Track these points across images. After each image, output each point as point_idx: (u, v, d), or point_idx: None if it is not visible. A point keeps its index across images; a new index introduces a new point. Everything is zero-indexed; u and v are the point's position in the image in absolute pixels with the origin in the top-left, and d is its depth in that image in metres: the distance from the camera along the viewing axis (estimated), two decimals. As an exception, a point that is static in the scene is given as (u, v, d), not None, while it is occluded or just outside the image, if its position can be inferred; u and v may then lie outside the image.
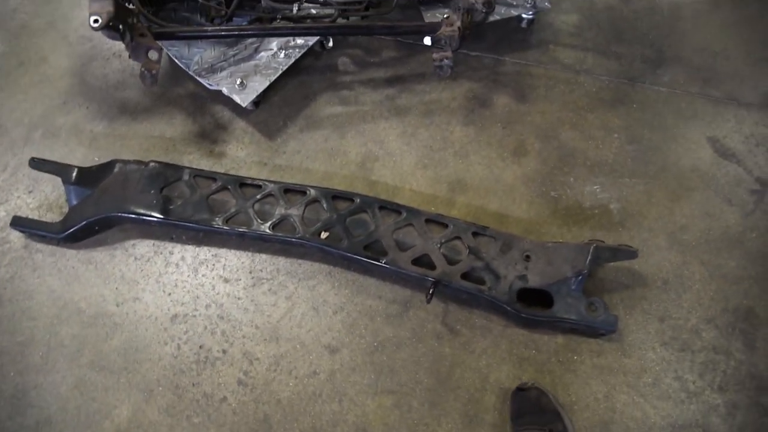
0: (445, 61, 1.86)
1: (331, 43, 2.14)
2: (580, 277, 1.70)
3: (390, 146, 2.03)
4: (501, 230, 1.79)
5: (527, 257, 1.75)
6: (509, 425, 1.64)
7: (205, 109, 2.13)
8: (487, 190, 1.95)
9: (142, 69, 1.82)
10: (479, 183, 1.96)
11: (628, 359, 1.72)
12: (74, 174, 1.91)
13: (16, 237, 1.96)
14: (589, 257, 1.70)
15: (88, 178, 1.91)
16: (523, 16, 2.11)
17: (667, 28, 2.21)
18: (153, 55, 1.83)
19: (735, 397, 1.66)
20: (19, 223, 1.91)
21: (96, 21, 1.73)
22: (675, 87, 2.08)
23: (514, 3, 2.07)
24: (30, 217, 1.96)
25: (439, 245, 1.76)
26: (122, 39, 1.83)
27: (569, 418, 1.62)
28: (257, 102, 2.06)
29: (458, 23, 1.87)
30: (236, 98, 1.96)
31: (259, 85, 1.97)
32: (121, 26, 1.79)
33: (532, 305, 1.73)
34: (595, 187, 1.94)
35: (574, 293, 1.71)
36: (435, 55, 1.87)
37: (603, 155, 1.99)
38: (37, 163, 1.92)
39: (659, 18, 2.23)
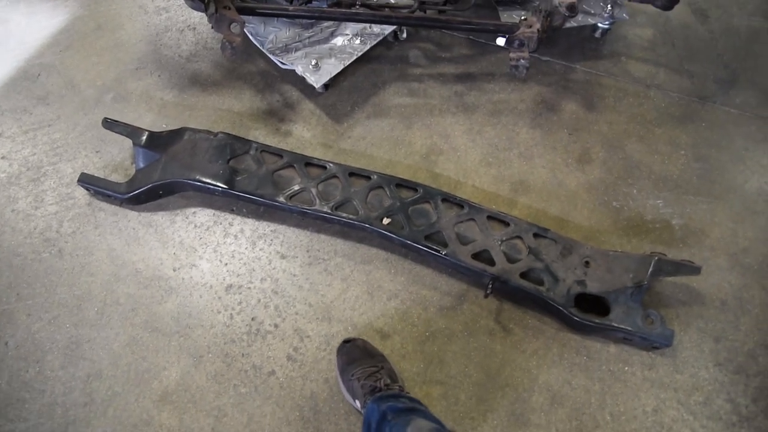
0: (522, 61, 1.87)
1: (404, 35, 2.16)
2: (640, 288, 1.69)
3: (455, 141, 2.04)
4: (562, 234, 1.79)
5: (587, 263, 1.75)
6: (339, 379, 1.66)
7: (274, 88, 2.16)
8: (549, 193, 1.95)
9: (224, 40, 1.85)
10: (542, 186, 1.96)
11: (680, 375, 1.71)
12: (144, 137, 1.94)
13: (81, 194, 1.99)
14: (651, 269, 1.69)
15: (157, 143, 1.94)
16: (599, 25, 2.11)
17: (743, 51, 2.20)
18: (235, 28, 1.86)
19: (788, 425, 1.63)
20: (86, 180, 1.95)
21: (186, -11, 1.76)
22: (746, 109, 2.07)
23: (592, 11, 2.07)
24: (96, 175, 2.00)
25: (499, 242, 1.76)
26: (206, 10, 1.87)
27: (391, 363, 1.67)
28: (327, 85, 2.08)
29: (537, 25, 1.87)
30: (309, 78, 1.98)
31: (333, 67, 1.99)
32: (207, -3, 1.83)
33: (588, 311, 1.72)
34: (659, 201, 1.93)
35: (632, 303, 1.70)
36: (512, 55, 1.88)
37: (668, 170, 1.98)
38: (110, 124, 1.96)
39: (736, 40, 2.22)
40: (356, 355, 1.66)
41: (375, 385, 1.54)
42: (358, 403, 1.59)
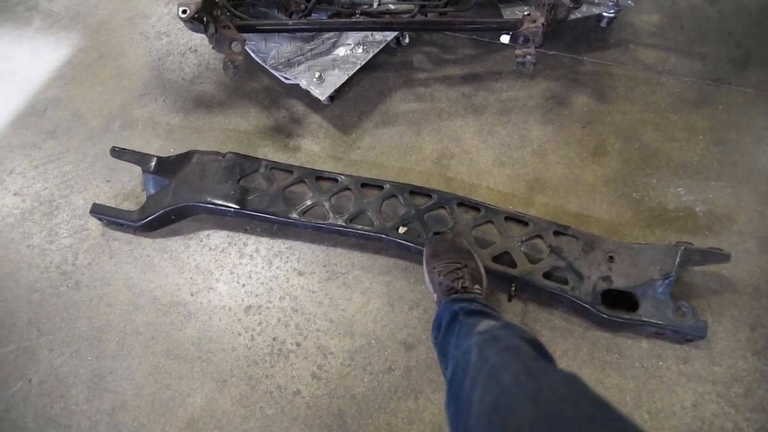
0: (528, 57, 1.83)
1: (407, 40, 2.13)
2: (668, 281, 1.63)
3: (466, 144, 2.01)
4: (583, 230, 1.74)
5: (611, 258, 1.70)
6: (424, 267, 1.64)
7: (279, 103, 2.14)
8: (566, 189, 1.91)
9: (226, 60, 1.83)
10: (558, 182, 1.92)
11: (717, 367, 1.65)
12: (153, 163, 1.93)
13: (94, 225, 1.99)
14: (678, 260, 1.63)
15: (166, 168, 1.93)
16: (604, 14, 2.07)
17: (755, 28, 2.14)
18: (236, 46, 1.84)
19: (834, 412, 1.57)
20: (98, 210, 1.94)
21: (184, 12, 1.75)
22: (763, 88, 2.01)
23: (597, 1, 2.03)
24: (108, 205, 1.99)
25: (519, 243, 1.72)
26: (205, 31, 1.85)
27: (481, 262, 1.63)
28: (332, 97, 2.06)
29: (542, 19, 1.84)
30: (314, 91, 1.96)
31: (337, 79, 1.97)
32: (205, 18, 1.82)
33: (615, 307, 1.68)
34: (680, 189, 1.88)
35: (661, 296, 1.65)
36: (518, 51, 1.84)
37: (687, 157, 1.92)
38: (118, 152, 1.95)
39: (746, 18, 2.17)
40: (441, 249, 1.63)
41: (452, 285, 1.51)
42: (435, 296, 1.58)
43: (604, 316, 1.65)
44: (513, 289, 1.65)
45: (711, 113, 1.99)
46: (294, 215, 1.81)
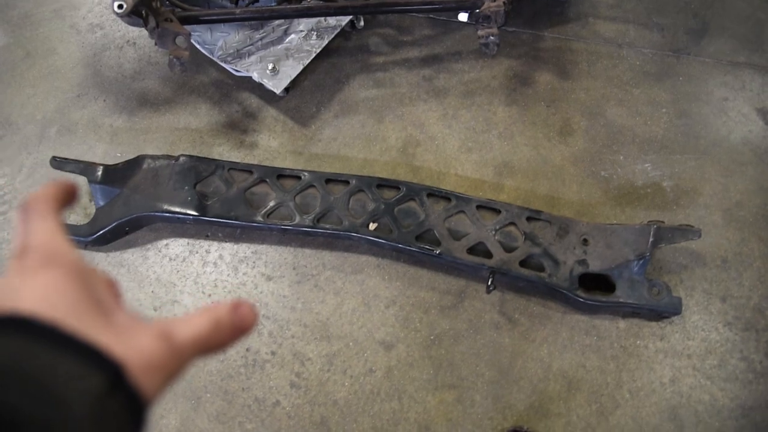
0: (491, 38, 1.77)
1: (362, 23, 2.03)
2: (643, 260, 1.64)
3: (431, 130, 1.94)
4: (555, 214, 1.72)
5: (585, 241, 1.69)
6: None
7: (231, 98, 2.01)
8: (535, 172, 1.88)
9: (171, 56, 1.70)
10: (527, 165, 1.89)
11: (691, 341, 1.68)
12: (100, 172, 1.79)
13: (39, 241, 1.84)
14: (651, 239, 1.64)
15: (114, 177, 1.79)
16: (563, -13, 2.02)
17: (711, -3, 2.14)
18: (181, 41, 1.71)
19: (803, 375, 1.62)
20: (43, 226, 1.79)
21: (120, 6, 1.60)
22: (721, 58, 2.01)
23: (555, -26, 1.97)
24: (53, 219, 1.84)
25: (493, 232, 1.69)
26: (145, 25, 1.71)
27: None
28: (287, 88, 1.95)
29: (502, -3, 1.77)
30: (268, 84, 1.85)
31: (292, 69, 1.86)
32: (144, 11, 1.67)
33: (592, 290, 1.67)
34: (647, 164, 1.88)
35: (636, 276, 1.65)
36: (480, 32, 1.77)
37: (652, 131, 1.92)
38: (59, 163, 1.80)
39: (701, -14, 2.16)
40: None
41: None
42: None
43: (582, 300, 1.64)
44: (491, 281, 1.62)
45: (672, 85, 1.98)
46: (258, 218, 1.72)
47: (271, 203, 1.74)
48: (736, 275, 1.74)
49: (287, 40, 1.92)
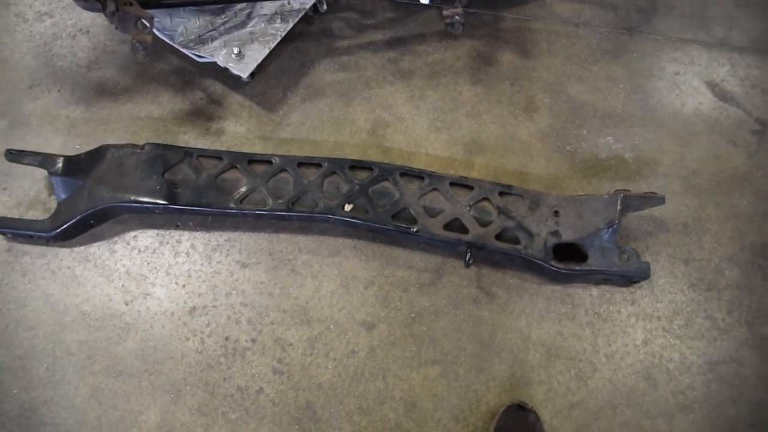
0: (456, 17, 1.79)
1: (325, 6, 2.01)
2: (612, 228, 1.70)
3: (399, 111, 1.95)
4: (526, 188, 1.76)
5: (556, 213, 1.73)
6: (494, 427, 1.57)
7: (194, 84, 1.96)
8: (503, 149, 1.91)
9: (133, 41, 1.64)
10: (495, 142, 1.92)
11: (660, 304, 1.75)
12: (60, 164, 1.71)
13: (-4, 240, 1.75)
14: (619, 207, 1.70)
15: (76, 168, 1.72)
16: (520, -31, 2.06)
17: (658, -24, 2.23)
18: (143, 25, 1.65)
19: (762, 329, 1.71)
20: (0, 224, 1.70)
21: (77, -11, 1.54)
22: (670, 35, 2.11)
23: (513, -45, 2.02)
24: (10, 216, 1.75)
25: (468, 208, 1.71)
26: (104, 9, 1.64)
27: None
28: (253, 73, 1.92)
29: (465, -23, 1.80)
30: (234, 69, 1.81)
31: (258, 53, 1.83)
32: (102, -5, 1.61)
33: (565, 260, 1.72)
34: (609, 138, 1.94)
35: (607, 244, 1.71)
36: (446, 12, 1.80)
37: (612, 106, 1.99)
38: (16, 156, 1.71)
39: (649, -34, 2.25)
40: (519, 428, 1.55)
41: None
42: None
43: (557, 270, 1.68)
44: (468, 255, 1.64)
45: (627, 62, 2.06)
46: (231, 204, 1.69)
47: (243, 189, 1.71)
48: (696, 239, 1.82)
49: (251, 24, 1.88)
